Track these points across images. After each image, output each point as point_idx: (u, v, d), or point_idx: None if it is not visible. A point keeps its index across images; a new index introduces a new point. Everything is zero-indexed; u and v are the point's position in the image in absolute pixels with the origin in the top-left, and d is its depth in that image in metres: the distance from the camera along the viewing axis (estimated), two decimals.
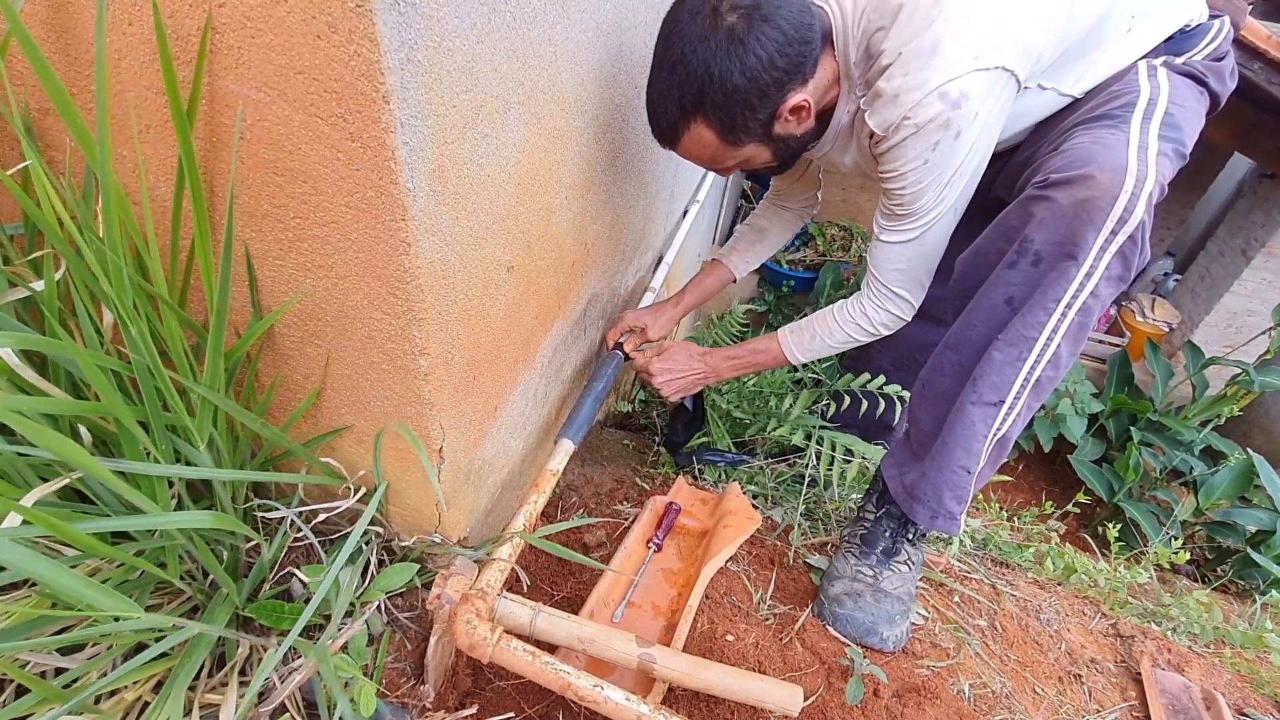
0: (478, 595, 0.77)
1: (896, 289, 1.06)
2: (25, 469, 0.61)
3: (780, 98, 0.88)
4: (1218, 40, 0.98)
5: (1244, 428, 2.92)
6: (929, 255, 1.02)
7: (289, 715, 0.73)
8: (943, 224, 0.97)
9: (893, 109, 0.86)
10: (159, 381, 0.62)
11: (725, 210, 2.85)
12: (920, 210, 0.95)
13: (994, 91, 0.85)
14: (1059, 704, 1.08)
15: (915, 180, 0.91)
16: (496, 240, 0.77)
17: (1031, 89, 0.94)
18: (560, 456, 1.02)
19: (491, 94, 0.66)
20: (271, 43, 0.52)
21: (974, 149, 0.89)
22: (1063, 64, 0.93)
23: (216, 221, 0.66)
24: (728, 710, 0.90)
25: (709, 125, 0.89)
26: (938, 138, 0.86)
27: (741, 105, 0.87)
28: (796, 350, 1.17)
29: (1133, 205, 0.77)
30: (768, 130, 0.92)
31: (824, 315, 1.15)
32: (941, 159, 0.88)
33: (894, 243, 1.01)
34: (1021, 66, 0.86)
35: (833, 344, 1.14)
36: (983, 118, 0.86)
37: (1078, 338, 0.87)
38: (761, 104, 0.87)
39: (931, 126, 0.85)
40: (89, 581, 0.52)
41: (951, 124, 0.84)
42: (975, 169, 0.93)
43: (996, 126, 0.91)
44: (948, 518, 1.03)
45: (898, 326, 1.10)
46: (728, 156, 0.95)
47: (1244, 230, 2.99)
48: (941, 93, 0.82)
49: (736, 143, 0.92)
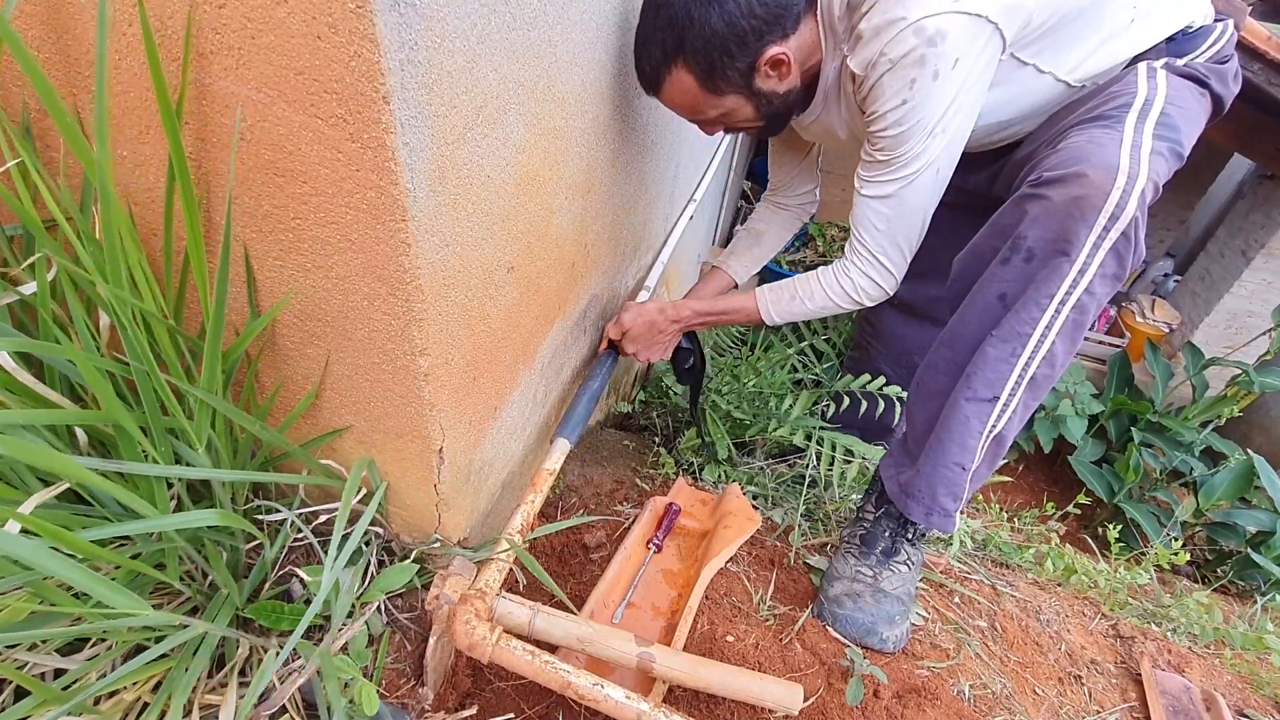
0: (477, 595, 0.77)
1: (876, 252, 1.03)
2: (25, 470, 0.61)
3: (759, 47, 0.89)
4: (1221, 43, 0.98)
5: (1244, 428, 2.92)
6: (909, 217, 0.99)
7: (289, 716, 0.73)
8: (924, 181, 0.95)
9: (871, 46, 0.86)
10: (156, 385, 0.61)
11: (724, 211, 2.85)
12: (902, 159, 0.93)
13: (976, 40, 0.84)
14: (1059, 705, 1.08)
15: (895, 121, 0.89)
16: (497, 241, 0.77)
17: (1027, 67, 0.94)
18: (556, 456, 1.02)
19: (491, 94, 0.66)
20: (272, 43, 0.52)
21: (957, 101, 0.88)
22: (1058, 43, 0.93)
23: (216, 222, 0.66)
24: (728, 710, 0.90)
25: (689, 70, 0.91)
26: (913, 74, 0.84)
27: (720, 51, 0.88)
28: (773, 310, 1.14)
29: (1124, 202, 0.78)
30: (748, 82, 0.93)
31: (806, 277, 1.12)
32: (920, 99, 0.86)
33: (873, 196, 0.98)
34: (1007, 23, 0.85)
35: (811, 307, 1.11)
36: (964, 66, 0.85)
37: (1073, 335, 0.87)
38: (740, 51, 0.89)
39: (906, 61, 0.84)
40: (100, 578, 0.53)
41: (928, 61, 0.83)
42: (959, 130, 0.92)
43: (980, 85, 0.89)
44: (942, 514, 1.03)
45: (879, 297, 1.08)
46: (709, 106, 0.96)
47: (1244, 231, 2.99)
48: (917, 27, 0.82)
49: (717, 91, 0.93)
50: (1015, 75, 0.94)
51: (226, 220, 0.62)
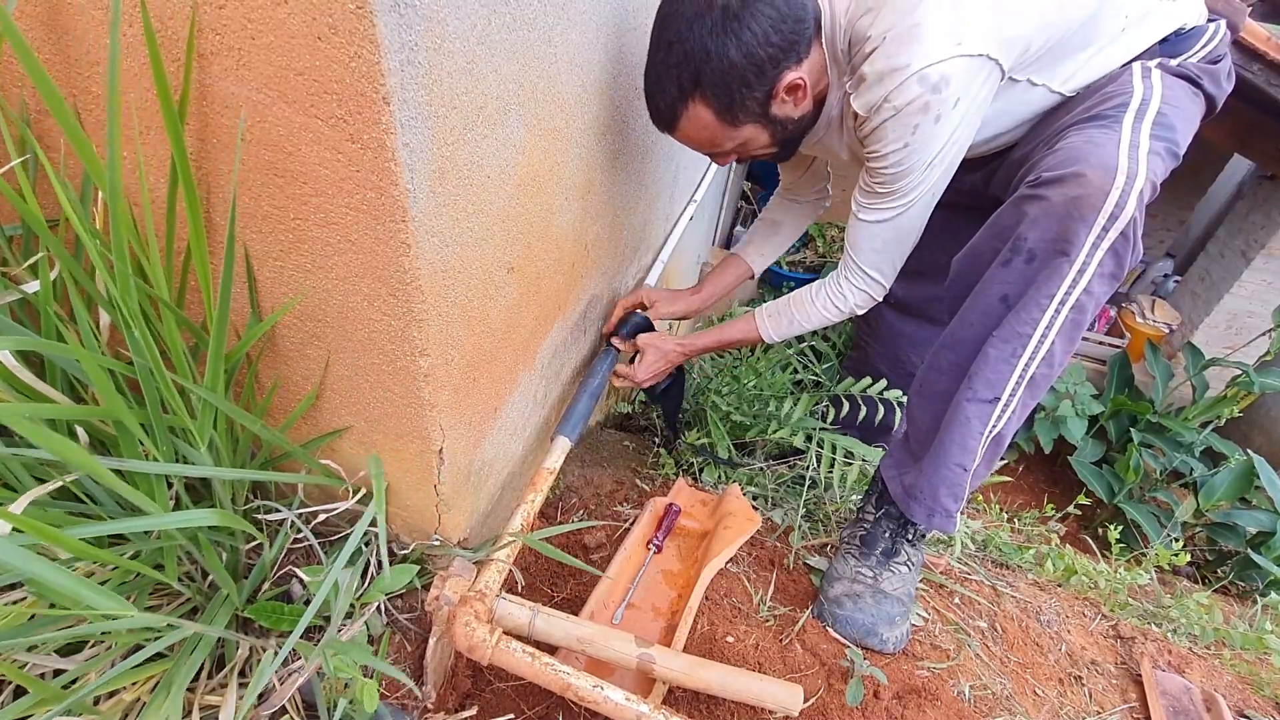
0: (476, 597, 0.77)
1: (870, 270, 1.07)
2: (19, 469, 0.61)
3: (776, 75, 0.89)
4: (1214, 43, 0.98)
5: (1244, 429, 2.92)
6: (904, 238, 1.03)
7: (289, 717, 0.73)
8: (920, 206, 0.98)
9: (874, 91, 0.86)
10: (160, 383, 0.62)
11: (725, 212, 2.85)
12: (901, 191, 0.96)
13: (977, 79, 0.86)
14: (1059, 705, 1.08)
15: (896, 162, 0.92)
16: (497, 241, 0.77)
17: (1021, 83, 0.95)
18: (557, 454, 1.01)
19: (491, 95, 0.66)
20: (272, 44, 0.52)
21: (954, 137, 0.90)
22: (1053, 59, 0.93)
23: (216, 223, 0.66)
24: (728, 710, 0.90)
25: (707, 105, 0.90)
26: (917, 120, 0.86)
27: (739, 82, 0.87)
28: (773, 331, 1.21)
29: (1123, 202, 0.78)
30: (765, 110, 0.92)
31: (800, 298, 1.17)
32: (922, 143, 0.88)
33: (872, 221, 1.01)
34: (1006, 56, 0.86)
35: (808, 325, 1.17)
36: (964, 105, 0.86)
37: (1072, 335, 0.87)
38: (758, 81, 0.88)
39: (911, 109, 0.85)
40: (83, 581, 0.52)
41: (931, 108, 0.84)
42: (955, 156, 0.94)
43: (978, 115, 0.91)
44: (944, 515, 1.03)
45: (869, 306, 1.13)
46: (726, 139, 0.95)
47: (1244, 231, 2.99)
48: (921, 76, 0.82)
49: (734, 123, 0.92)
50: (1009, 92, 0.95)
51: (231, 221, 0.62)
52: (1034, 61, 0.92)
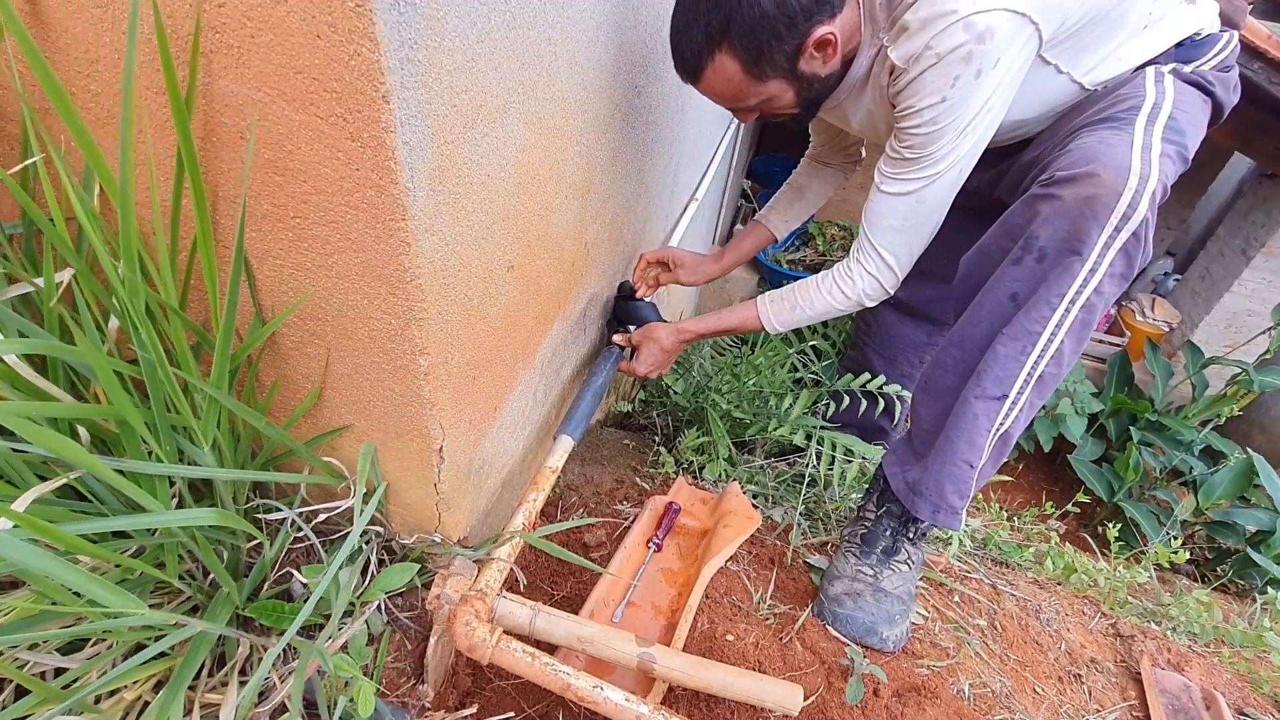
0: (477, 596, 0.77)
1: (885, 251, 1.03)
2: (22, 466, 0.61)
3: (808, 28, 0.86)
4: (1226, 51, 0.99)
5: (1244, 427, 2.92)
6: (925, 219, 0.99)
7: (289, 715, 0.73)
8: (945, 181, 0.94)
9: (917, 39, 0.84)
10: (166, 380, 0.62)
11: (725, 210, 2.85)
12: (930, 158, 0.92)
13: (1017, 40, 0.83)
14: (1059, 704, 1.08)
15: (931, 119, 0.88)
16: (496, 240, 0.77)
17: (1049, 67, 0.93)
18: (559, 453, 1.01)
19: (491, 94, 0.66)
20: (271, 42, 0.52)
21: (989, 103, 0.87)
22: (1081, 44, 0.92)
23: (216, 221, 0.66)
24: (728, 710, 0.90)
25: (734, 55, 0.88)
26: (958, 71, 0.83)
27: (769, 33, 0.85)
28: (775, 320, 1.15)
29: (1136, 202, 0.78)
30: (793, 65, 0.90)
31: (805, 286, 1.13)
32: (960, 99, 0.86)
33: (894, 194, 0.98)
34: (1046, 21, 0.84)
35: (812, 314, 1.12)
36: (1004, 65, 0.84)
37: (1081, 334, 0.87)
38: (789, 33, 0.86)
39: (953, 57, 0.82)
40: (95, 577, 0.53)
41: (973, 59, 0.82)
42: (986, 130, 0.91)
43: (1013, 86, 0.89)
44: (949, 512, 1.03)
45: (880, 298, 1.09)
46: (751, 93, 0.93)
47: (1244, 230, 2.99)
48: (968, 22, 0.80)
49: (761, 76, 0.90)
50: (1036, 74, 0.93)
51: (240, 221, 0.62)
52: (1066, 39, 0.90)
